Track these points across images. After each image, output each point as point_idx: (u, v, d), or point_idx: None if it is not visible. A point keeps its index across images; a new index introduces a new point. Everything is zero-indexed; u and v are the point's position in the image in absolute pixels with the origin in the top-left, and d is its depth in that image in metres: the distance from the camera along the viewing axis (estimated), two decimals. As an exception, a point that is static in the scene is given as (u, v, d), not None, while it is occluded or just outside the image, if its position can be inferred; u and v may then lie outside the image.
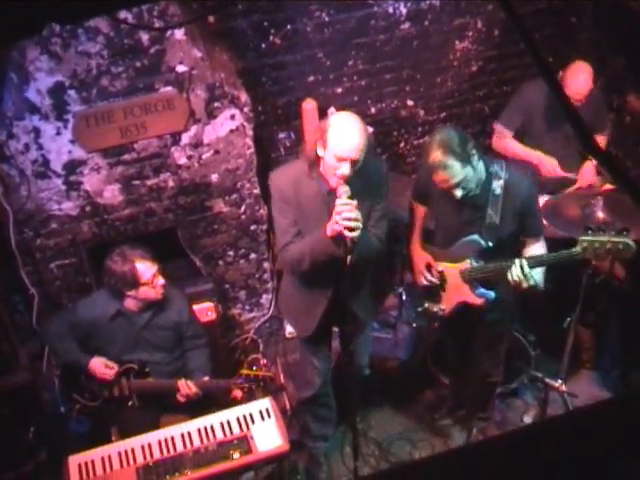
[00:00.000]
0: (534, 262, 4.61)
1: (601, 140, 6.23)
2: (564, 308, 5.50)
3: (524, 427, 3.80)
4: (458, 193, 4.54)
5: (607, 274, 5.74)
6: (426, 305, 5.25)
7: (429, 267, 5.10)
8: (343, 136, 4.18)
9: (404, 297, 6.43)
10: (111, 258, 5.00)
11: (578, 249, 4.48)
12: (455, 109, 7.20)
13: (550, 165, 6.04)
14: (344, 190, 4.19)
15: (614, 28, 6.62)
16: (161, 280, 5.09)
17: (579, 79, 5.77)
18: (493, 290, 4.91)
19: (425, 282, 5.14)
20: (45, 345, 5.67)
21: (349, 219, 4.10)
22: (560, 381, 5.66)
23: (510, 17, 1.80)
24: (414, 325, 6.50)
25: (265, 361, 5.49)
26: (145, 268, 5.00)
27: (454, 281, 4.98)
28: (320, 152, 4.30)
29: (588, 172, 6.05)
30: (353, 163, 4.20)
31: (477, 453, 1.91)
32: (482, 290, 4.92)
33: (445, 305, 5.12)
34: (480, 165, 4.56)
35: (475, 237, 4.77)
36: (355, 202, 4.16)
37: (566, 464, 1.76)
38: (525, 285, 4.59)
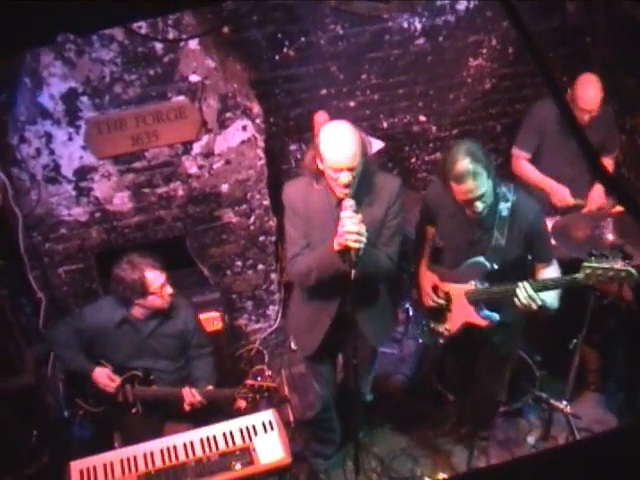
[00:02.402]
0: (537, 286, 4.59)
1: (609, 161, 6.23)
2: (570, 329, 5.49)
3: (527, 456, 3.77)
4: (480, 206, 4.49)
5: (614, 296, 5.72)
6: (432, 325, 5.26)
7: (435, 288, 5.10)
8: (335, 147, 4.17)
9: (410, 313, 6.42)
10: (120, 266, 5.00)
11: (581, 275, 4.45)
12: (467, 126, 7.20)
13: (562, 194, 6.03)
14: (349, 204, 4.20)
15: (628, 48, 6.61)
16: (169, 289, 5.09)
17: (589, 90, 5.79)
18: (498, 312, 4.90)
19: (431, 303, 5.13)
20: (50, 351, 5.67)
21: (352, 232, 4.10)
22: (565, 402, 5.64)
23: (521, 34, 1.80)
24: (420, 341, 6.49)
25: (270, 372, 5.45)
26: (154, 277, 5.00)
27: (460, 302, 4.97)
28: (320, 165, 4.30)
29: (598, 194, 6.04)
30: (351, 170, 4.19)
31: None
32: (487, 312, 4.90)
33: (450, 325, 5.11)
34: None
35: (480, 259, 4.75)
36: (359, 216, 4.17)
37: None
38: (534, 307, 4.57)
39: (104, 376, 5.12)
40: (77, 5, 1.89)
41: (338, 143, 4.18)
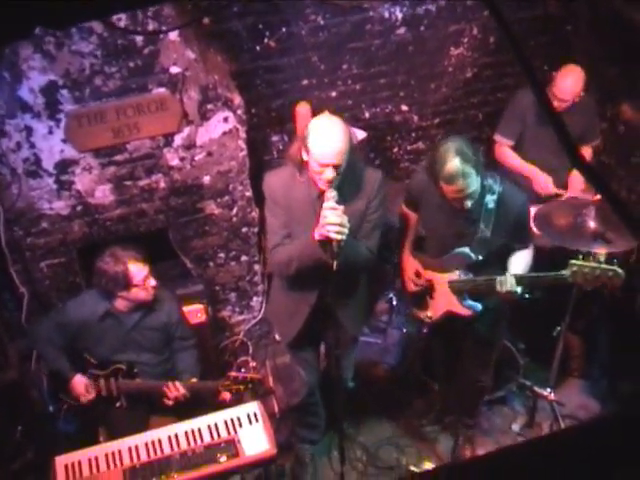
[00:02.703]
0: (523, 282, 4.63)
1: (587, 150, 6.26)
2: (554, 316, 5.51)
3: (512, 445, 3.78)
4: (469, 203, 4.55)
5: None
6: (414, 311, 5.27)
7: (418, 274, 5.11)
8: (323, 142, 4.15)
9: (394, 302, 6.44)
10: (103, 259, 4.98)
11: (568, 272, 4.49)
12: (449, 115, 7.21)
13: (544, 182, 6.07)
14: (332, 195, 4.19)
15: (609, 37, 6.62)
16: (152, 282, 5.08)
17: (567, 80, 5.85)
18: (481, 302, 4.92)
19: (414, 288, 5.15)
20: (33, 350, 5.65)
21: (334, 223, 4.10)
22: (549, 389, 5.68)
23: (499, 24, 1.80)
24: (404, 330, 6.51)
25: (254, 364, 5.48)
26: (137, 269, 4.99)
27: (442, 290, 4.99)
28: (305, 157, 4.28)
29: (577, 181, 6.06)
30: (336, 167, 4.18)
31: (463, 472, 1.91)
32: (469, 302, 4.93)
33: (432, 313, 5.13)
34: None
35: (466, 250, 4.77)
36: (342, 207, 4.17)
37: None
38: (509, 296, 4.64)
39: (81, 385, 5.12)
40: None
41: (327, 139, 4.15)
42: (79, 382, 5.12)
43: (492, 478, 1.80)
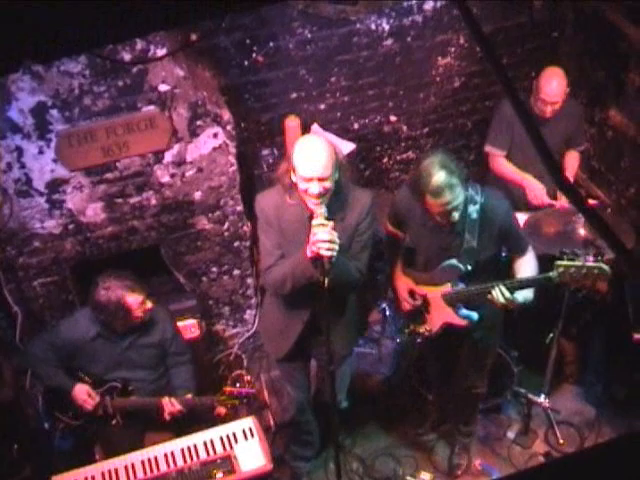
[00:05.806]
0: (512, 286, 4.64)
1: (575, 156, 6.28)
2: (546, 323, 5.54)
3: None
4: (456, 216, 4.53)
5: (589, 289, 5.77)
6: (412, 327, 5.26)
7: (412, 292, 5.11)
8: (306, 156, 4.20)
9: (387, 313, 6.45)
10: (98, 292, 4.94)
11: (555, 273, 4.51)
12: (438, 124, 7.22)
13: (538, 191, 6.01)
14: (320, 212, 4.21)
15: (595, 42, 6.67)
16: (149, 304, 5.08)
17: (552, 83, 5.85)
18: (476, 311, 4.93)
19: (409, 307, 5.14)
20: (29, 369, 5.65)
21: (325, 240, 4.11)
22: (543, 396, 5.70)
23: (474, 35, 1.82)
24: (397, 340, 6.52)
25: (249, 377, 5.49)
26: (134, 300, 4.96)
27: (437, 304, 4.99)
28: (293, 178, 4.31)
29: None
30: (321, 181, 4.19)
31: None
32: (465, 311, 4.93)
33: (430, 326, 5.13)
34: None
35: (453, 262, 4.77)
36: (331, 223, 4.18)
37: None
38: (512, 306, 4.64)
39: (84, 393, 5.12)
40: (43, 34, 1.89)
41: (310, 153, 4.21)
42: (80, 390, 5.12)
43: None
